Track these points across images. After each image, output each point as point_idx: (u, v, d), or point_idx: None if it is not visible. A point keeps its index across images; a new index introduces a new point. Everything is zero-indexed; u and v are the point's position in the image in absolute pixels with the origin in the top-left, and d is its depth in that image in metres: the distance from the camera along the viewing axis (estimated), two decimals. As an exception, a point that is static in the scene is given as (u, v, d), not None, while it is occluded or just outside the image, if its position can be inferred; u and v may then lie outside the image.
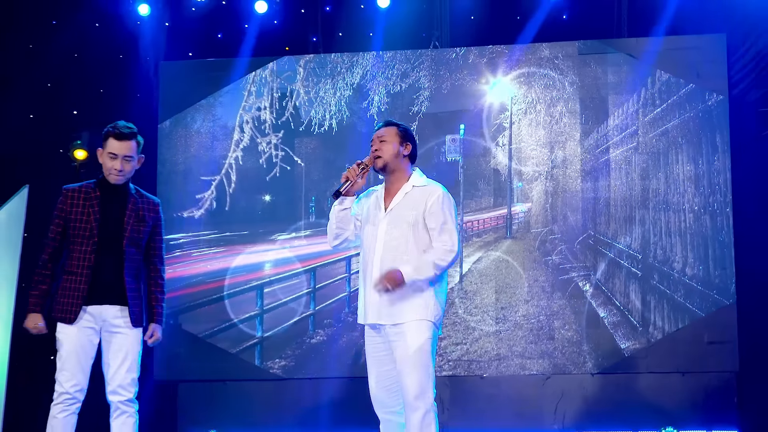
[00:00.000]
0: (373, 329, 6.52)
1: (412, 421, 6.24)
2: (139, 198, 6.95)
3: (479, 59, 11.81)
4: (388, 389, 6.48)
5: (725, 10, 11.32)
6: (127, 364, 6.82)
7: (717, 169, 11.23)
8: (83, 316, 6.78)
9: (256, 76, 12.10)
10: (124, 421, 6.83)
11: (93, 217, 6.78)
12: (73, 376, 6.79)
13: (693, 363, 11.10)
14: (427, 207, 6.42)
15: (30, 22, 11.69)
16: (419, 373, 6.26)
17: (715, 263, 11.15)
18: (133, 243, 6.83)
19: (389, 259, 6.39)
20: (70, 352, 6.80)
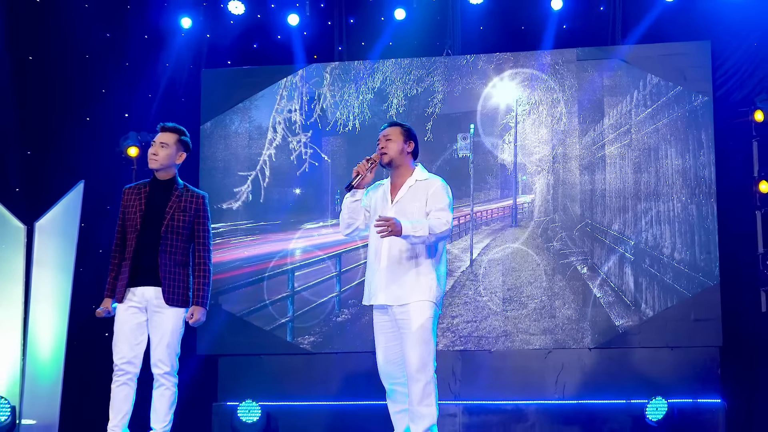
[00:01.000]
0: (381, 309, 6.56)
1: (414, 391, 6.28)
2: (184, 192, 6.98)
3: (487, 65, 11.80)
4: (394, 363, 6.52)
5: (710, 20, 11.28)
6: (165, 341, 6.83)
7: (702, 163, 11.19)
8: (129, 296, 6.84)
9: (288, 82, 12.13)
10: (162, 393, 6.86)
11: (139, 209, 6.84)
12: (120, 350, 6.85)
13: (680, 338, 11.08)
14: (428, 195, 6.46)
15: (86, 35, 11.72)
16: (421, 348, 6.30)
17: (701, 248, 11.11)
18: (173, 231, 6.84)
19: (396, 247, 6.44)
20: (119, 328, 6.88)
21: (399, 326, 6.41)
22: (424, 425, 6.21)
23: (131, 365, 6.88)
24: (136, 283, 6.86)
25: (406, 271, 6.39)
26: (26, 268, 10.89)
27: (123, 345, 6.86)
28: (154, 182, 7.00)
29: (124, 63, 12.05)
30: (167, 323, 6.86)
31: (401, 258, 6.43)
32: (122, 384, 6.87)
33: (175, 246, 6.89)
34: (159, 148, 6.91)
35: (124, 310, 6.88)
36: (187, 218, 6.94)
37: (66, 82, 11.50)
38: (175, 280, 6.88)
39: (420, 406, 6.23)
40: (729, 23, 11.23)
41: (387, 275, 6.44)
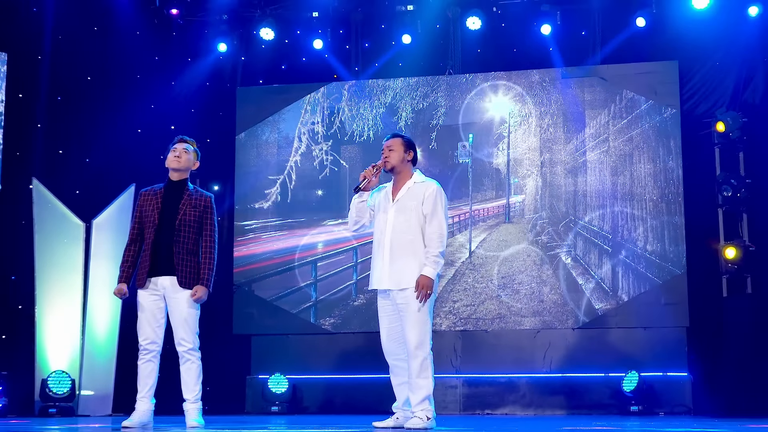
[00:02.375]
0: (383, 294, 6.56)
1: (413, 366, 6.27)
2: (194, 192, 6.97)
3: (484, 83, 11.80)
4: (395, 341, 6.52)
5: (677, 42, 11.27)
6: (184, 322, 6.81)
7: (671, 167, 11.18)
8: (149, 285, 6.83)
9: (311, 98, 12.15)
10: (188, 367, 6.84)
11: (156, 207, 6.84)
12: (144, 332, 6.84)
13: (652, 320, 11.07)
14: (424, 198, 6.43)
15: (137, 58, 11.76)
16: (419, 328, 6.29)
17: (670, 241, 11.09)
18: (185, 224, 6.82)
19: (397, 238, 6.43)
20: (141, 313, 6.87)
21: (399, 309, 6.40)
22: (421, 395, 6.20)
23: (154, 344, 6.87)
24: (155, 273, 6.83)
25: (405, 260, 6.37)
26: (85, 259, 10.92)
27: (146, 327, 6.86)
28: (169, 184, 6.98)
29: (169, 82, 12.10)
30: (184, 306, 6.82)
31: (401, 248, 6.40)
32: (147, 361, 6.87)
33: (187, 237, 6.85)
34: (183, 152, 6.93)
35: (146, 296, 6.87)
36: (197, 214, 6.92)
37: (119, 99, 11.54)
38: (188, 266, 6.85)
39: (418, 378, 6.22)
40: (694, 45, 11.22)
41: (389, 264, 6.43)
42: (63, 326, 10.75)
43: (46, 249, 10.75)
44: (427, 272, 6.28)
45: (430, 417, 6.20)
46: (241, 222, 11.98)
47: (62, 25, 11.02)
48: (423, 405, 6.20)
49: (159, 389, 6.98)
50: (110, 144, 11.33)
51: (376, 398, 10.98)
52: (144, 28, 11.82)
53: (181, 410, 7.00)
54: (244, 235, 11.95)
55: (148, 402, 6.82)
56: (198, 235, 6.90)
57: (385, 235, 6.49)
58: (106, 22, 11.43)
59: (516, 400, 11.21)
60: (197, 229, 6.89)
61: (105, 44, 11.43)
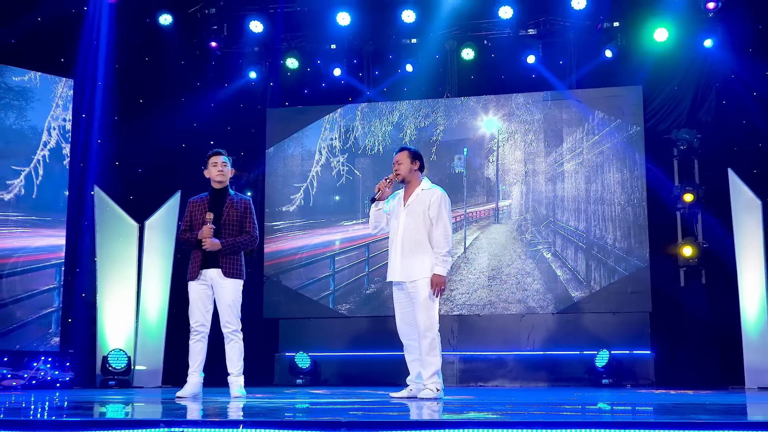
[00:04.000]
0: (397, 285, 6.53)
1: (423, 345, 6.24)
2: (235, 197, 6.97)
3: (476, 104, 11.77)
4: (408, 324, 6.47)
5: (641, 69, 11.27)
6: (229, 307, 6.81)
7: (636, 176, 11.15)
8: (200, 276, 6.82)
9: (330, 117, 12.13)
10: (232, 346, 6.84)
11: (203, 212, 6.83)
12: (194, 316, 6.85)
13: (620, 306, 11.05)
14: (430, 203, 6.40)
15: (182, 83, 11.77)
16: (427, 313, 6.26)
17: (635, 239, 11.07)
18: (228, 224, 6.82)
19: (407, 238, 6.40)
20: (192, 300, 6.88)
21: (410, 297, 6.36)
22: (431, 371, 6.17)
23: (203, 327, 6.87)
24: (204, 266, 6.83)
25: (414, 256, 6.34)
26: (139, 254, 10.90)
27: (196, 312, 6.87)
28: (213, 192, 6.97)
29: (209, 104, 12.07)
30: (229, 294, 6.82)
31: (410, 247, 6.38)
32: (197, 341, 6.88)
33: (230, 235, 6.85)
34: (224, 166, 6.92)
35: (196, 286, 6.86)
36: (237, 214, 6.91)
37: (167, 118, 11.51)
38: (231, 259, 6.85)
39: (428, 356, 6.20)
40: (655, 72, 11.23)
41: (400, 260, 6.41)
42: (120, 311, 10.74)
43: (105, 245, 10.74)
44: (438, 271, 6.26)
45: (439, 389, 6.18)
46: (270, 223, 11.96)
47: (118, 56, 11.02)
48: (433, 379, 6.17)
49: (206, 365, 6.98)
50: (159, 156, 11.32)
51: (384, 372, 11.03)
52: (187, 58, 11.83)
53: (225, 383, 7.00)
54: (272, 234, 11.92)
55: (198, 376, 6.82)
56: (239, 233, 6.89)
57: (398, 235, 6.48)
58: (155, 53, 11.42)
59: (504, 375, 11.20)
60: (239, 228, 6.89)
61: (154, 72, 11.41)
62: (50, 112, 10.17)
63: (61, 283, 10.02)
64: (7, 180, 9.79)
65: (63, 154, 10.26)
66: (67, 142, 10.30)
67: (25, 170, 9.90)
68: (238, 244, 6.86)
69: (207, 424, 3.52)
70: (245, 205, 6.96)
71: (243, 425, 3.50)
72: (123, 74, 11.07)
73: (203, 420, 3.54)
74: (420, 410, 4.82)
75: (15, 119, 9.90)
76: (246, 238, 6.92)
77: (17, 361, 9.52)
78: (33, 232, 9.88)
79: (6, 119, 9.86)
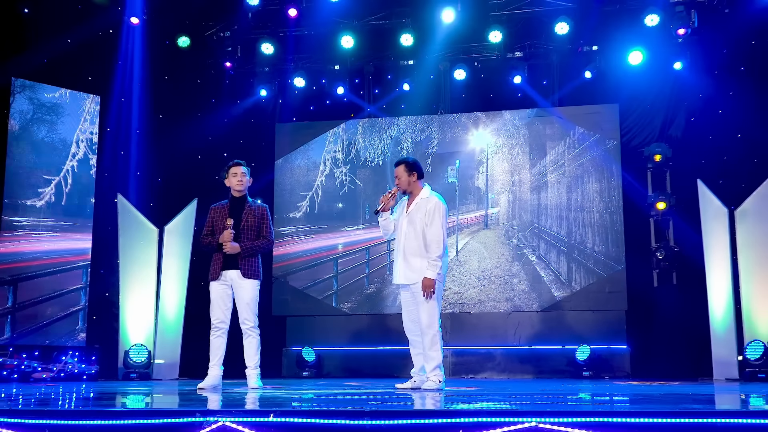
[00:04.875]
0: (403, 287, 6.52)
1: (426, 341, 6.25)
2: (253, 204, 6.96)
3: (468, 120, 11.80)
4: (413, 321, 6.47)
5: (618, 89, 11.32)
6: (247, 305, 6.79)
7: (613, 186, 11.19)
8: (221, 277, 6.81)
9: (334, 132, 12.14)
10: (249, 341, 6.83)
11: (224, 218, 6.82)
12: (215, 314, 6.82)
13: (599, 304, 11.08)
14: (427, 210, 6.40)
15: (199, 101, 11.78)
16: (429, 312, 6.25)
17: (612, 243, 11.10)
18: (247, 229, 6.81)
19: (408, 243, 6.38)
20: (214, 299, 6.85)
21: (414, 296, 6.37)
22: (433, 364, 6.18)
23: (223, 323, 6.85)
24: (225, 267, 6.82)
25: (414, 260, 6.32)
26: (158, 257, 10.88)
27: (217, 310, 6.85)
28: (233, 200, 6.96)
29: (223, 119, 12.05)
30: (247, 293, 6.81)
31: (411, 251, 6.35)
32: (217, 336, 6.86)
33: (248, 239, 6.85)
34: (243, 176, 6.91)
35: (217, 286, 6.85)
36: (255, 220, 6.90)
37: (184, 132, 11.49)
38: (249, 261, 6.84)
39: (430, 351, 6.20)
40: (631, 92, 11.28)
41: (403, 263, 6.40)
42: (141, 309, 10.72)
43: (127, 249, 10.73)
44: (427, 274, 6.25)
45: (441, 380, 6.19)
46: (278, 228, 11.91)
47: (141, 75, 11.02)
48: (435, 371, 6.19)
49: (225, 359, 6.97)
50: (177, 167, 11.33)
51: (382, 364, 11.08)
52: (203, 77, 11.85)
53: (240, 375, 6.99)
54: (281, 238, 11.89)
55: (218, 368, 6.81)
56: (256, 237, 6.89)
57: (400, 241, 6.48)
58: (174, 72, 11.45)
59: (493, 367, 11.20)
60: (256, 233, 6.89)
61: (173, 89, 11.42)
62: (78, 126, 10.14)
63: (87, 283, 9.99)
64: (39, 188, 9.76)
65: (90, 165, 10.23)
66: (94, 153, 10.27)
67: (55, 179, 9.88)
68: (255, 247, 6.87)
69: (240, 413, 3.53)
70: (262, 212, 6.97)
71: (273, 414, 3.51)
72: (145, 91, 11.07)
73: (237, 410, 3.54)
74: (423, 400, 4.83)
75: (47, 132, 9.88)
76: (263, 242, 6.93)
77: (47, 355, 9.48)
78: (62, 236, 9.85)
79: (38, 132, 9.83)
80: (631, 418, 3.29)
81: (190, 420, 3.56)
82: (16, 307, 9.37)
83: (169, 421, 3.59)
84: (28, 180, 9.68)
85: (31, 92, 9.77)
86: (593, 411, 3.33)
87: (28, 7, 9.14)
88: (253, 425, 3.49)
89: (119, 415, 3.62)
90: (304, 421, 3.46)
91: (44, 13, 9.53)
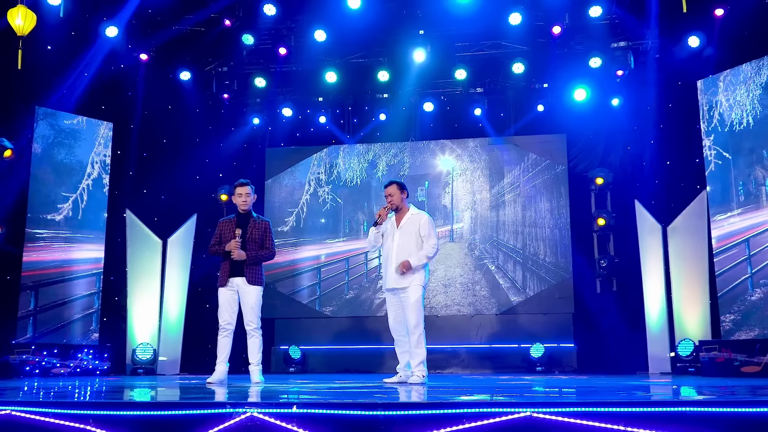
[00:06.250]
0: (391, 291, 6.53)
1: (412, 340, 6.26)
2: (257, 219, 6.90)
3: (435, 146, 11.88)
4: (399, 323, 6.47)
5: (565, 121, 11.45)
6: (252, 309, 6.72)
7: (562, 205, 11.33)
8: (228, 283, 6.74)
9: (317, 156, 12.14)
10: (253, 340, 6.74)
11: (231, 230, 6.77)
12: (223, 316, 6.69)
13: (550, 308, 11.18)
14: (420, 225, 6.44)
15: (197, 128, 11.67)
16: (415, 314, 6.27)
17: (561, 255, 11.22)
18: (252, 241, 6.74)
19: (401, 252, 6.40)
20: (222, 303, 6.73)
21: (401, 301, 6.39)
22: (418, 360, 6.19)
23: (230, 324, 6.74)
24: (232, 275, 6.76)
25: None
26: (162, 266, 10.82)
27: (225, 313, 6.75)
28: (239, 214, 6.89)
29: (218, 144, 12.02)
30: (252, 298, 6.74)
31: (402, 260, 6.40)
32: (224, 336, 6.74)
33: (253, 250, 6.79)
34: (247, 198, 6.86)
35: (225, 292, 6.75)
36: (259, 233, 6.84)
37: (184, 155, 11.44)
38: (253, 269, 6.77)
39: (416, 348, 6.22)
40: (576, 124, 11.41)
41: (394, 270, 6.42)
42: (146, 312, 10.62)
43: (135, 258, 10.63)
44: (411, 260, 6.30)
45: (425, 375, 6.20)
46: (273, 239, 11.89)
47: (147, 105, 10.93)
48: (420, 367, 6.20)
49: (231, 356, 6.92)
50: (178, 186, 11.25)
51: (360, 362, 11.06)
52: (202, 107, 11.76)
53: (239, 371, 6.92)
54: (270, 249, 11.87)
55: (224, 365, 6.72)
56: (260, 248, 6.84)
57: (393, 251, 6.48)
58: (177, 102, 11.37)
59: (457, 364, 11.23)
60: (260, 244, 6.83)
61: (175, 118, 11.36)
62: (93, 149, 10.03)
63: (100, 289, 9.85)
64: (58, 204, 9.62)
65: (103, 183, 10.11)
66: (107, 173, 10.16)
67: (72, 196, 9.74)
68: (259, 256, 6.83)
69: (266, 405, 3.52)
70: (265, 226, 6.94)
71: (296, 406, 3.51)
72: (151, 119, 10.99)
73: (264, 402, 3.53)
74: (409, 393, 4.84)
75: (65, 155, 9.75)
76: (266, 253, 6.89)
77: (65, 353, 9.32)
78: (78, 247, 9.71)
79: (58, 155, 9.70)
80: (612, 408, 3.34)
81: (221, 411, 3.55)
82: (38, 310, 9.21)
83: (202, 412, 3.57)
84: (48, 197, 9.54)
85: (52, 119, 9.64)
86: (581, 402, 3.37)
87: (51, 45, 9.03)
88: (278, 416, 3.49)
89: (157, 406, 3.59)
90: (324, 412, 3.47)
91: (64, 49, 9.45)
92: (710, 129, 9.15)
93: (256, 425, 3.47)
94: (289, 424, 3.43)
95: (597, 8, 9.95)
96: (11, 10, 7.20)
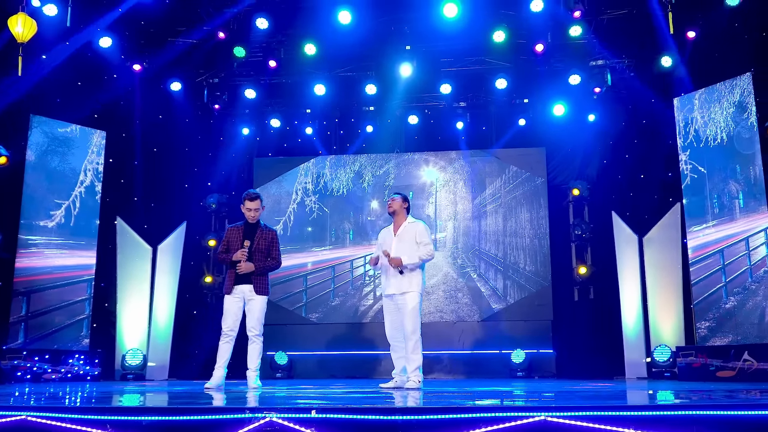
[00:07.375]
0: (389, 297, 6.51)
1: (409, 345, 6.25)
2: (264, 228, 6.86)
3: (420, 158, 11.89)
4: (396, 329, 6.46)
5: (545, 135, 11.52)
6: (256, 316, 6.65)
7: (541, 215, 11.39)
8: (234, 291, 6.68)
9: (304, 166, 12.07)
10: (254, 346, 6.66)
11: (239, 238, 6.73)
12: (226, 322, 6.62)
13: (530, 315, 11.20)
14: (417, 233, 6.45)
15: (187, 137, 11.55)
16: (412, 320, 6.28)
17: (540, 264, 11.28)
18: (259, 250, 6.71)
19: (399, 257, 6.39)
20: (226, 309, 6.66)
21: (399, 307, 6.37)
22: (414, 365, 6.18)
23: (232, 331, 6.68)
24: (237, 282, 6.70)
25: (405, 274, 6.36)
26: (152, 273, 10.68)
27: (229, 319, 6.67)
28: (247, 224, 6.87)
29: (207, 153, 11.92)
30: (257, 306, 6.69)
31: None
32: (226, 342, 6.67)
33: (259, 259, 6.76)
34: (256, 213, 6.81)
35: (231, 299, 6.68)
36: (266, 243, 6.81)
37: (174, 164, 11.35)
38: (261, 279, 6.73)
39: (412, 354, 6.21)
40: (555, 137, 11.48)
41: (394, 277, 6.41)
42: (136, 318, 10.48)
43: (125, 265, 10.50)
44: (404, 259, 6.32)
45: (420, 380, 6.18)
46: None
47: (139, 114, 10.83)
48: (416, 372, 6.19)
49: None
50: (168, 194, 11.15)
51: (348, 367, 10.98)
52: (192, 117, 11.64)
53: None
54: (258, 257, 11.78)
55: (223, 370, 6.65)
56: (267, 257, 6.79)
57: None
58: (167, 112, 11.25)
59: (441, 369, 11.18)
60: (266, 253, 6.79)
61: (166, 127, 11.26)
62: (86, 157, 9.87)
63: (91, 295, 9.69)
64: (51, 211, 9.45)
65: (95, 191, 9.96)
66: (99, 181, 10.00)
67: (65, 203, 9.58)
68: (267, 267, 6.79)
69: (287, 411, 3.48)
70: (272, 236, 6.89)
71: (315, 410, 3.47)
72: (142, 129, 10.89)
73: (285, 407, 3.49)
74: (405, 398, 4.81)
75: (59, 162, 9.59)
76: (272, 263, 6.84)
77: (56, 359, 9.14)
78: (70, 253, 9.54)
79: (52, 162, 9.54)
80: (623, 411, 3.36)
81: (240, 416, 3.50)
82: (29, 316, 9.02)
83: (220, 417, 3.52)
84: (41, 203, 9.37)
85: (46, 127, 9.48)
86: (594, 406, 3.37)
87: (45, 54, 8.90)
88: (297, 420, 3.45)
89: (177, 412, 3.53)
90: (343, 417, 3.44)
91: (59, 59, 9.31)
92: (686, 144, 9.28)
93: (276, 430, 3.43)
94: (308, 428, 3.40)
95: (577, 27, 10.05)
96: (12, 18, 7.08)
